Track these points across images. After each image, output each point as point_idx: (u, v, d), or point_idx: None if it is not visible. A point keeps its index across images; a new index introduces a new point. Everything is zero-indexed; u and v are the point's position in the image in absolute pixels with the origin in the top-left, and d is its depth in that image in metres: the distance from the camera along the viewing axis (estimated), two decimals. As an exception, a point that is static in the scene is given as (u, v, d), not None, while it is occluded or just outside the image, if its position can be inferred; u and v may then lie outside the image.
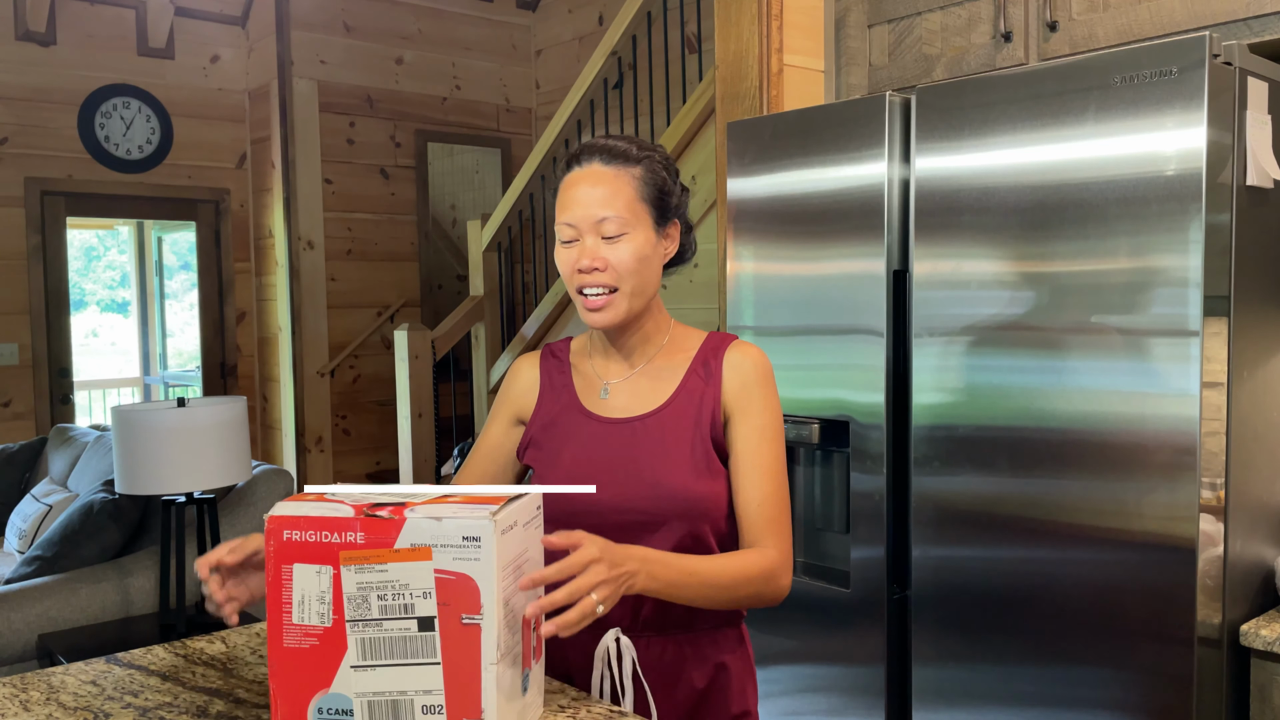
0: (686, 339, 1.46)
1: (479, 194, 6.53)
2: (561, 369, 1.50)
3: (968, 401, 1.83)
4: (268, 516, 1.09)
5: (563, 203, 1.39)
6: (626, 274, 1.36)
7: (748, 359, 1.42)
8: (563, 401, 1.46)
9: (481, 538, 1.04)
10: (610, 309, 1.37)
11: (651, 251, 1.39)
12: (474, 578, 1.05)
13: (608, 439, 1.40)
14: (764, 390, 1.41)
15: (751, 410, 1.39)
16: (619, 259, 1.36)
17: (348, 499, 1.12)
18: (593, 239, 1.36)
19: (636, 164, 1.39)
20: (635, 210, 1.37)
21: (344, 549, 1.07)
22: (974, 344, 1.82)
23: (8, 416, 5.15)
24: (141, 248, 6.46)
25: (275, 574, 1.09)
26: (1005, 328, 1.78)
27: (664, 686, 1.39)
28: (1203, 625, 1.59)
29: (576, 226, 1.37)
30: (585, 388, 1.47)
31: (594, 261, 1.35)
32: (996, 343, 1.79)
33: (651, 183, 1.39)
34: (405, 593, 1.06)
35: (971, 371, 1.83)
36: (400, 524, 1.06)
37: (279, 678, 1.09)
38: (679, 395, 1.40)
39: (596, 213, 1.35)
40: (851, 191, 1.99)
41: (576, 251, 1.37)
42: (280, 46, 5.53)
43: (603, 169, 1.38)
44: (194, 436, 2.77)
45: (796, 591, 2.12)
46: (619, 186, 1.37)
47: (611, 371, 1.46)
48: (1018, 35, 2.18)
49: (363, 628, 1.07)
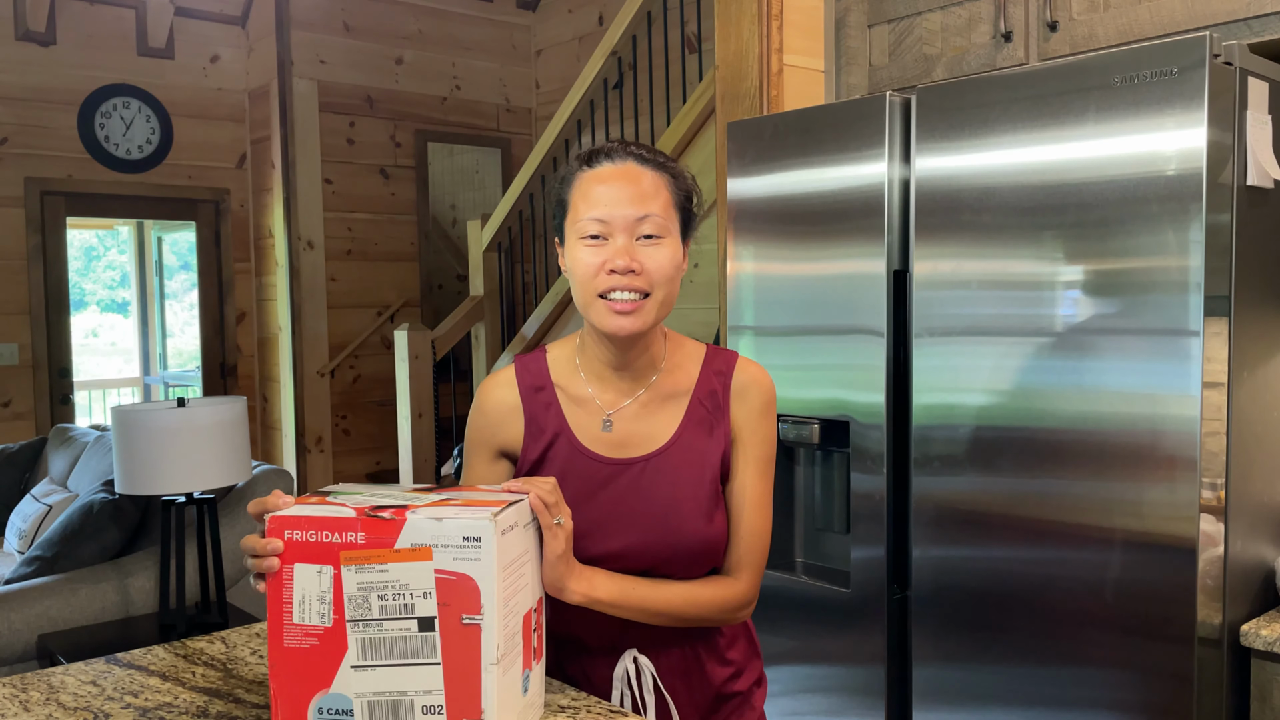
0: (684, 355, 1.38)
1: (479, 194, 6.53)
2: (544, 394, 1.35)
3: (968, 401, 1.83)
4: (269, 517, 1.09)
5: (590, 198, 1.27)
6: (661, 280, 1.26)
7: (754, 385, 1.36)
8: (554, 434, 1.34)
9: (482, 538, 1.04)
10: (639, 315, 1.25)
11: (681, 264, 1.31)
12: (474, 578, 1.05)
13: (614, 483, 1.31)
14: (768, 421, 1.37)
15: (754, 441, 1.35)
16: (656, 264, 1.26)
17: (349, 500, 1.12)
18: (626, 239, 1.25)
19: (670, 172, 1.31)
20: (670, 216, 1.28)
21: (345, 549, 1.07)
22: (974, 344, 1.82)
23: (8, 416, 5.15)
24: (141, 248, 6.46)
25: (276, 574, 1.09)
26: (1005, 328, 1.78)
27: (684, 690, 1.39)
28: (1203, 625, 1.59)
29: (609, 223, 1.25)
30: (582, 418, 1.34)
31: (630, 263, 1.24)
32: (997, 343, 1.79)
33: (683, 192, 1.32)
34: (405, 593, 1.06)
35: (972, 372, 1.83)
36: (401, 524, 1.06)
37: (279, 678, 1.10)
38: (686, 428, 1.33)
39: (635, 210, 1.25)
40: (852, 191, 1.99)
41: (608, 250, 1.25)
42: (280, 46, 5.53)
43: (640, 168, 1.28)
44: (194, 436, 2.77)
45: (796, 591, 2.12)
46: (658, 187, 1.28)
47: (610, 399, 1.34)
48: (1018, 35, 2.18)
49: (363, 628, 1.07)
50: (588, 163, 1.30)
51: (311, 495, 1.16)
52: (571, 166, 1.33)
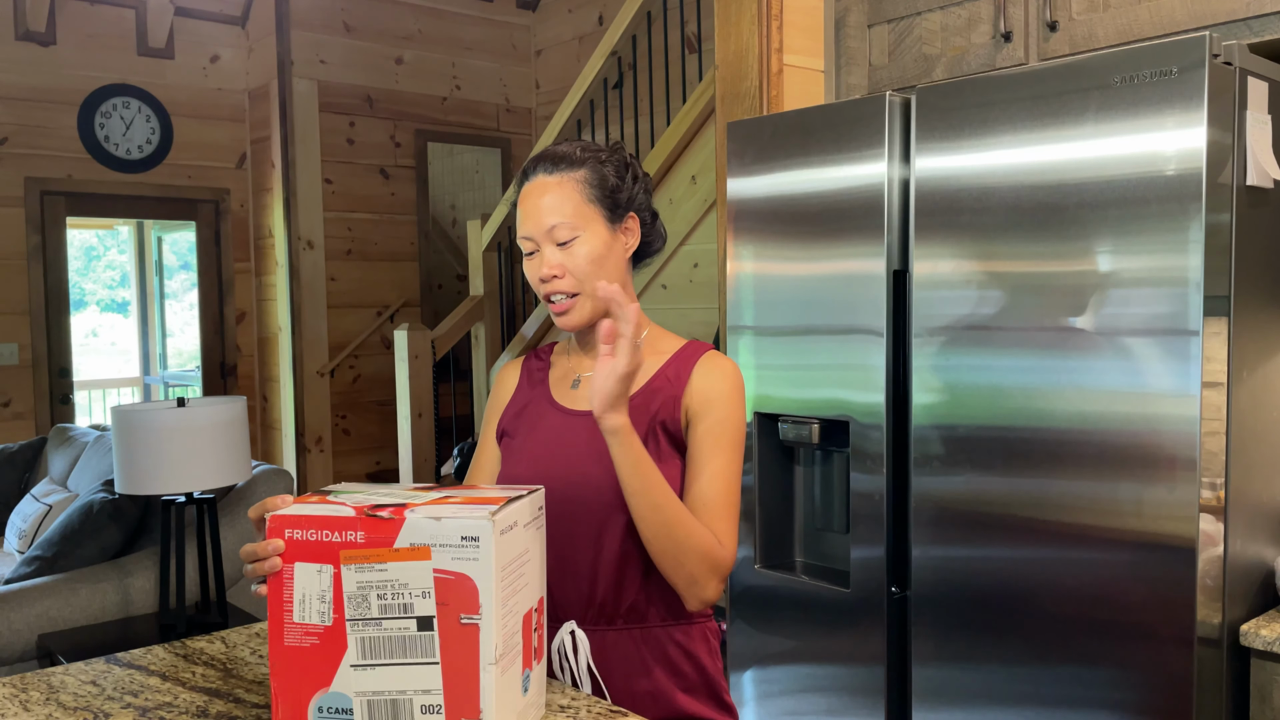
0: (663, 342, 1.49)
1: (479, 194, 6.53)
2: (542, 366, 1.56)
3: (968, 401, 1.83)
4: (270, 516, 1.09)
5: (519, 218, 1.45)
6: (584, 276, 1.41)
7: (718, 368, 1.44)
8: (535, 393, 1.52)
9: (480, 538, 1.04)
10: (574, 312, 1.42)
11: (608, 250, 1.43)
12: (472, 578, 1.05)
13: (569, 428, 1.45)
14: (728, 399, 1.42)
15: (712, 416, 1.41)
16: (574, 263, 1.41)
17: (350, 499, 1.12)
18: (549, 247, 1.41)
19: (580, 166, 1.43)
20: (583, 212, 1.42)
21: (344, 548, 1.07)
22: (974, 344, 1.82)
23: (8, 416, 5.15)
24: (141, 248, 6.46)
25: (277, 573, 1.09)
26: (1005, 327, 1.78)
27: (622, 679, 1.40)
28: (1203, 625, 1.59)
29: (533, 238, 1.42)
30: (558, 380, 1.52)
31: (552, 269, 1.41)
32: (997, 343, 1.79)
33: (597, 183, 1.43)
34: (404, 592, 1.06)
35: (972, 371, 1.83)
36: (400, 523, 1.06)
37: (280, 676, 1.10)
38: (643, 392, 1.43)
39: (546, 221, 1.41)
40: (851, 191, 1.99)
41: (537, 262, 1.42)
42: (280, 46, 5.53)
43: (546, 178, 1.43)
44: (194, 436, 2.78)
45: (796, 591, 2.12)
46: (564, 193, 1.41)
47: (585, 366, 1.51)
48: (1018, 35, 2.18)
49: (362, 627, 1.07)
50: (518, 184, 1.48)
51: (312, 495, 1.16)
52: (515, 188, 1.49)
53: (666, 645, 1.43)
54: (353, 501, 1.11)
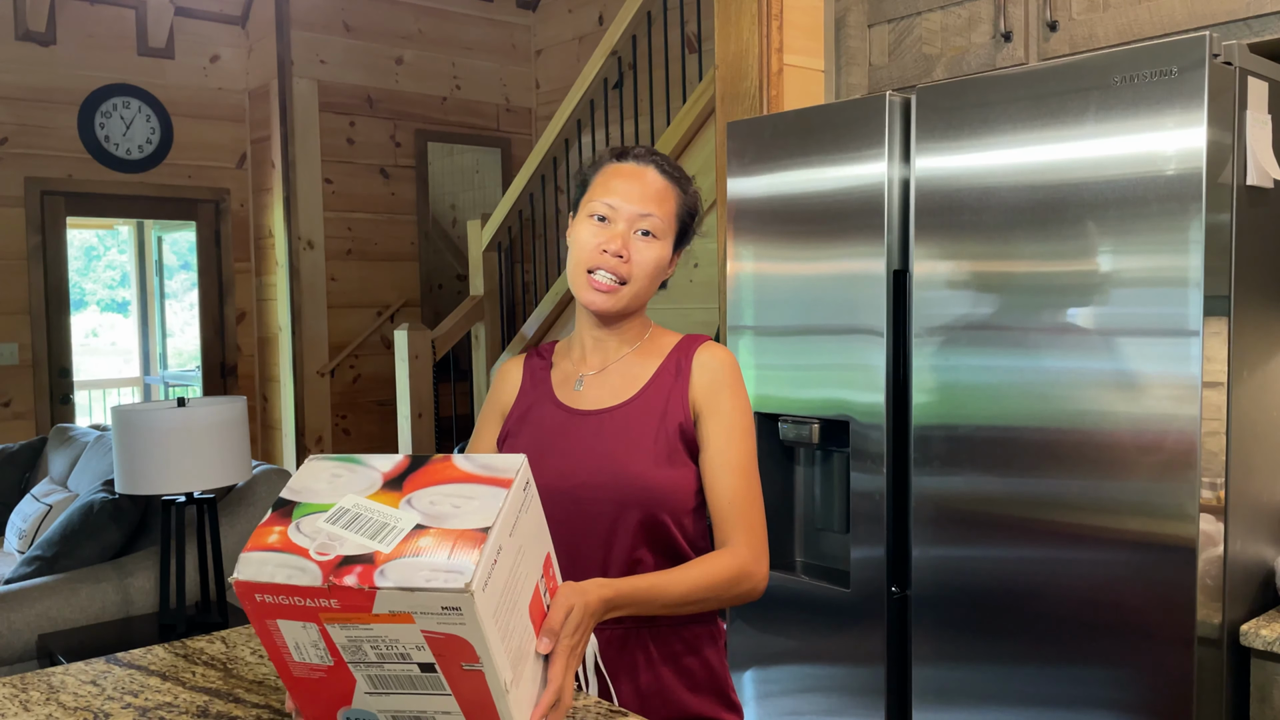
0: (662, 340, 1.50)
1: (479, 194, 6.53)
2: (543, 366, 1.55)
3: (968, 401, 1.83)
4: (233, 580, 1.00)
5: (608, 185, 1.43)
6: (642, 275, 1.42)
7: (716, 359, 1.45)
8: (538, 394, 1.52)
9: (461, 608, 0.95)
10: (613, 297, 1.42)
11: (659, 270, 1.46)
12: (464, 637, 0.97)
13: (575, 429, 1.45)
14: (732, 389, 1.44)
15: (721, 409, 1.42)
16: (643, 258, 1.41)
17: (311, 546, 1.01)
18: (626, 228, 1.41)
19: (686, 187, 1.48)
20: (670, 223, 1.45)
21: (322, 611, 0.99)
22: (974, 344, 1.82)
23: (8, 416, 5.15)
24: (141, 248, 6.46)
25: (261, 627, 1.02)
26: (1005, 327, 1.78)
27: (630, 678, 1.40)
28: (1203, 625, 1.59)
29: (616, 210, 1.41)
30: (561, 381, 1.52)
31: (621, 248, 1.40)
32: (997, 343, 1.79)
33: (687, 209, 1.48)
34: (398, 644, 1.00)
35: (972, 371, 1.83)
36: (373, 595, 0.96)
37: (299, 698, 1.07)
38: (647, 390, 1.44)
39: (641, 207, 1.41)
40: (851, 191, 1.99)
41: (607, 233, 1.41)
42: (280, 46, 5.53)
43: (659, 175, 1.44)
44: (194, 436, 2.77)
45: (796, 591, 2.12)
46: (667, 196, 1.44)
47: (588, 365, 1.50)
48: (1018, 35, 2.18)
49: (366, 667, 1.03)
50: (618, 156, 1.46)
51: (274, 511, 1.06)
52: (603, 155, 1.49)
53: (674, 644, 1.43)
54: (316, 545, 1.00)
